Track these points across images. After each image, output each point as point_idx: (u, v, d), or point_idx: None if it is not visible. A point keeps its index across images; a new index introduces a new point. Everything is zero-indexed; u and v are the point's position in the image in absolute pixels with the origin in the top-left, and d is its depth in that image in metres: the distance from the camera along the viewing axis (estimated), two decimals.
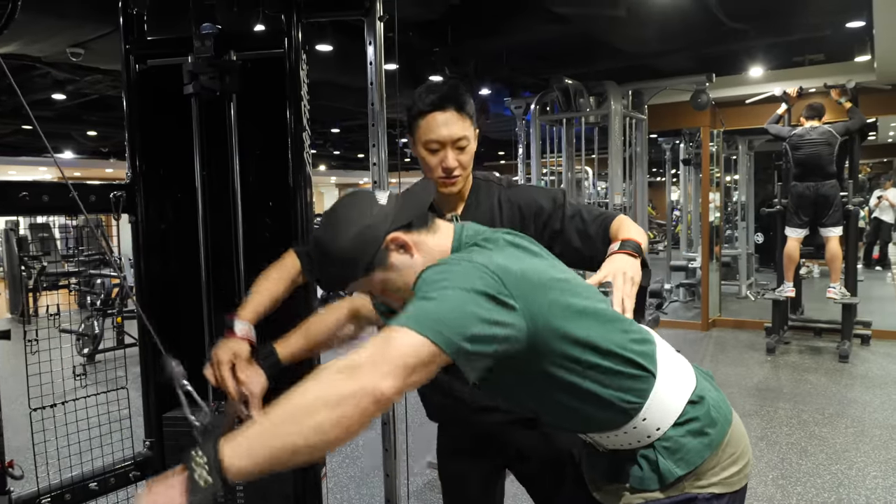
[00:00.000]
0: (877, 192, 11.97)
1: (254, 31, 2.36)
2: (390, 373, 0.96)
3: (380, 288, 1.29)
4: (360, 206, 1.27)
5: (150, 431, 2.16)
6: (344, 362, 0.98)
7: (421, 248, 1.27)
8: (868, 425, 4.22)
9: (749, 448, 1.35)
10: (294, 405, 0.95)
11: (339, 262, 1.25)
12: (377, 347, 0.99)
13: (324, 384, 0.96)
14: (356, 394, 0.94)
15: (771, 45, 6.42)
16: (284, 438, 0.94)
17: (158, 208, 2.16)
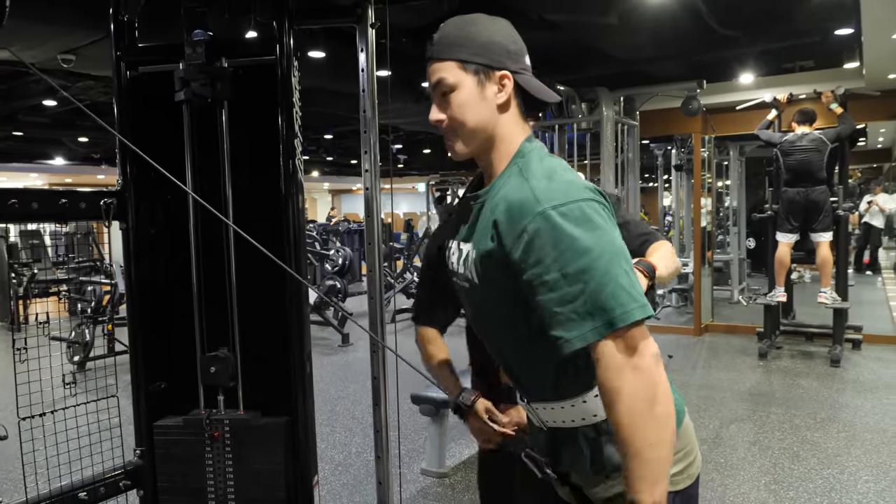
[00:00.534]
0: (867, 197, 12.04)
1: (245, 38, 2.35)
2: (651, 364, 1.05)
3: (448, 88, 1.22)
4: (519, 41, 1.26)
5: (140, 440, 2.15)
6: (635, 384, 1.05)
7: (511, 109, 1.24)
8: (859, 430, 4.24)
9: (696, 450, 1.31)
10: (628, 429, 1.05)
11: (468, 36, 1.22)
12: (622, 351, 1.05)
13: (625, 402, 1.05)
14: (652, 391, 1.05)
15: (761, 52, 6.46)
16: (660, 450, 1.06)
17: (149, 215, 2.15)
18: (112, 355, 5.83)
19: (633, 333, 1.05)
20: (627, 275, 1.07)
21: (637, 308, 1.04)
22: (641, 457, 1.05)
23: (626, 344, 1.04)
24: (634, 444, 1.05)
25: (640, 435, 1.04)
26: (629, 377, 1.04)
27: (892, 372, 5.57)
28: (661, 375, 1.06)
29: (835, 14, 5.27)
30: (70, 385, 2.07)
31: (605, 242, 1.07)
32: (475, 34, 1.22)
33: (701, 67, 6.57)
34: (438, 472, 3.67)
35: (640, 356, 1.04)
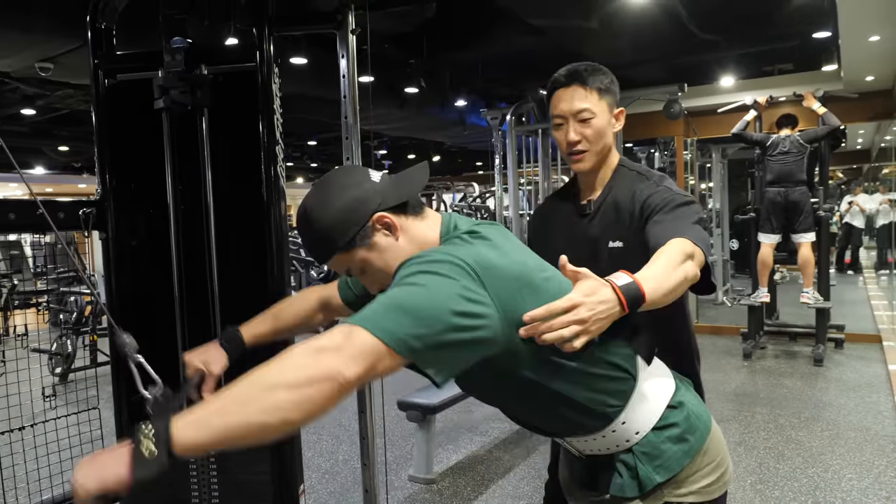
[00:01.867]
0: (847, 197, 12.18)
1: (225, 45, 2.34)
2: (354, 359, 0.95)
3: (358, 268, 1.24)
4: (354, 177, 1.24)
5: None
6: (308, 345, 0.96)
7: (407, 232, 1.23)
8: (843, 428, 4.27)
9: (728, 456, 1.35)
10: (254, 383, 0.94)
11: (324, 231, 1.21)
12: (342, 336, 0.97)
13: (287, 365, 0.95)
14: (319, 377, 0.93)
15: (741, 56, 6.54)
16: (241, 415, 0.92)
17: (130, 224, 2.13)
18: (94, 366, 5.75)
19: (370, 341, 0.97)
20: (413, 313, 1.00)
21: (390, 334, 0.98)
22: (234, 397, 0.94)
23: (350, 339, 0.97)
24: (247, 386, 0.94)
25: (251, 389, 0.93)
26: (316, 354, 0.95)
27: (874, 370, 5.62)
28: (326, 385, 0.94)
29: (812, 17, 5.34)
30: (49, 398, 2.05)
31: (433, 285, 1.04)
32: (325, 222, 1.21)
33: (682, 71, 6.64)
34: (426, 479, 3.66)
35: (341, 354, 0.95)
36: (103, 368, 4.68)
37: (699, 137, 7.99)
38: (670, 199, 1.51)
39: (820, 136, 5.80)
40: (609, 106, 1.63)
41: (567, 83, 1.62)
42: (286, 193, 2.19)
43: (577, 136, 1.61)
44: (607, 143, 1.65)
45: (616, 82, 1.67)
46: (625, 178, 1.66)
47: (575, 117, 1.61)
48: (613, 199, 1.65)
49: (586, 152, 1.63)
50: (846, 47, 5.53)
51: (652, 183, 1.60)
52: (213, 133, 2.08)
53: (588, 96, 1.60)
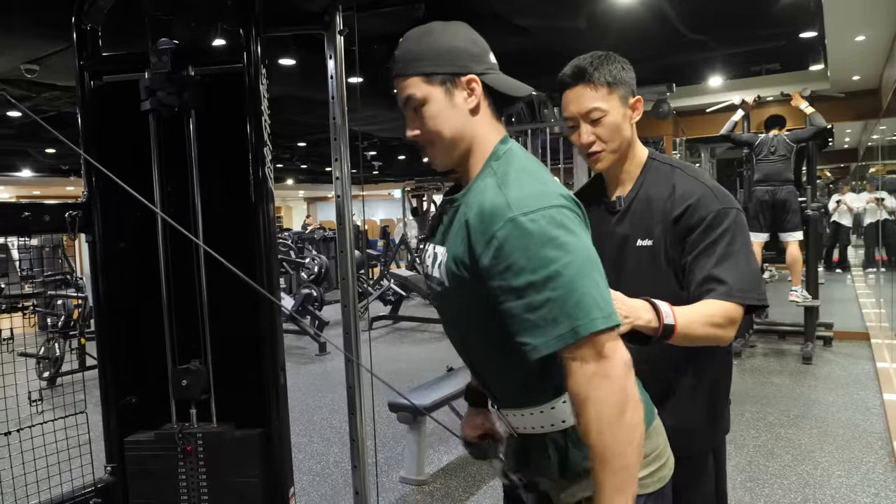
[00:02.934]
0: (835, 196, 12.27)
1: (212, 46, 2.33)
2: (609, 365, 1.06)
3: (419, 102, 1.21)
4: (480, 42, 1.24)
5: (111, 456, 2.10)
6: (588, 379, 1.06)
7: (480, 113, 1.22)
8: (832, 425, 4.30)
9: (668, 453, 1.32)
10: (596, 437, 1.07)
11: (427, 49, 1.20)
12: (591, 359, 1.06)
13: (593, 409, 1.06)
14: (619, 396, 1.06)
15: (729, 56, 6.56)
16: (626, 458, 1.07)
17: (117, 227, 2.11)
18: (82, 370, 5.71)
19: (601, 341, 1.05)
20: (596, 284, 1.07)
21: (601, 318, 1.05)
22: (610, 465, 1.06)
23: (595, 351, 1.05)
24: (603, 452, 1.06)
25: (608, 443, 1.05)
26: (598, 384, 1.05)
27: (862, 368, 5.67)
28: (631, 384, 1.07)
29: (799, 17, 5.37)
30: (36, 402, 2.03)
31: (574, 251, 1.07)
32: (434, 44, 1.21)
33: (670, 71, 6.66)
34: (417, 480, 3.65)
35: (611, 364, 1.06)
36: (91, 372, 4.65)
37: (688, 137, 8.03)
38: (716, 214, 1.48)
39: (807, 136, 5.84)
40: (621, 98, 1.55)
41: (573, 83, 1.55)
42: (275, 195, 2.18)
43: (591, 136, 1.55)
44: (625, 137, 1.58)
45: (629, 68, 1.58)
46: (658, 173, 1.60)
47: (586, 118, 1.55)
48: (646, 196, 1.59)
49: (602, 152, 1.57)
50: (832, 47, 5.57)
51: (689, 177, 1.55)
52: (201, 135, 2.06)
53: (596, 94, 1.53)
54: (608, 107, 1.54)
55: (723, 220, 1.48)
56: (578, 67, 1.54)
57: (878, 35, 5.20)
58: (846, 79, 6.58)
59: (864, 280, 10.79)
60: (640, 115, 1.61)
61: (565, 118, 1.60)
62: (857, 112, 7.24)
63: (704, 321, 1.37)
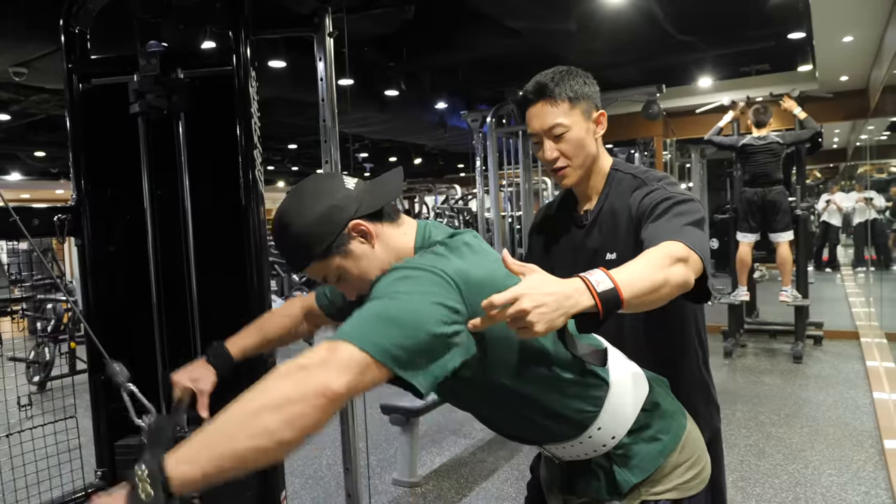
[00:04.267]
0: (824, 196, 12.34)
1: (202, 49, 2.32)
2: (340, 372, 0.94)
3: (335, 275, 1.23)
4: (329, 185, 1.23)
5: (101, 461, 2.09)
6: (291, 364, 0.96)
7: (382, 239, 1.23)
8: (822, 424, 4.32)
9: (705, 453, 1.36)
10: (241, 409, 0.93)
11: (299, 238, 1.20)
12: (325, 351, 0.97)
13: (272, 386, 0.94)
14: (307, 393, 0.92)
15: (718, 57, 6.60)
16: (231, 443, 0.91)
17: (106, 230, 2.11)
18: (72, 374, 5.67)
19: (355, 356, 0.97)
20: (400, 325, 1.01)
21: (379, 347, 0.98)
22: (221, 426, 0.93)
23: (336, 353, 0.97)
24: (233, 412, 0.94)
25: (237, 415, 0.93)
26: (299, 371, 0.95)
27: (852, 367, 5.70)
28: (315, 400, 0.93)
29: (787, 18, 5.41)
30: (25, 407, 2.02)
31: (414, 295, 1.05)
32: (301, 230, 1.20)
33: (660, 72, 6.69)
34: (410, 482, 3.65)
35: (327, 370, 0.95)
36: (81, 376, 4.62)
37: (678, 138, 8.06)
38: (665, 197, 1.43)
39: (801, 139, 5.85)
40: (584, 112, 1.55)
41: (535, 99, 1.56)
42: (265, 197, 2.17)
43: (555, 153, 1.55)
44: (589, 152, 1.58)
45: (592, 82, 1.59)
46: (620, 184, 1.60)
47: (549, 134, 1.55)
48: (610, 208, 1.58)
49: (567, 167, 1.57)
50: (820, 48, 5.61)
51: (647, 186, 1.53)
52: (190, 137, 2.06)
53: (557, 110, 1.53)
54: (570, 122, 1.54)
55: (670, 199, 1.42)
56: (539, 84, 1.55)
57: (866, 36, 5.24)
58: (834, 79, 6.63)
59: (853, 279, 10.85)
60: (604, 129, 1.60)
61: (530, 135, 1.60)
62: (845, 112, 7.30)
63: (648, 269, 1.13)
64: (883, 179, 11.01)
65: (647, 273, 1.12)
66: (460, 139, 9.56)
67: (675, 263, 1.17)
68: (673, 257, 1.18)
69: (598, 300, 1.03)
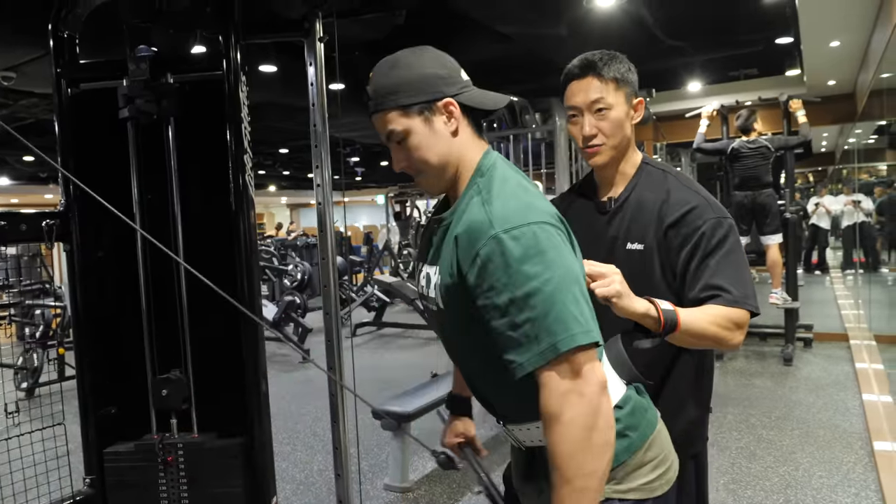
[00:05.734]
0: (813, 199, 12.43)
1: (191, 54, 2.32)
2: (586, 384, 1.06)
3: (400, 134, 1.21)
4: (450, 62, 1.25)
5: (90, 468, 2.07)
6: (565, 414, 1.05)
7: (462, 134, 1.23)
8: (813, 426, 4.34)
9: (673, 455, 1.33)
10: (563, 456, 1.06)
11: (398, 81, 1.20)
12: (569, 381, 1.06)
13: (565, 423, 1.06)
14: (592, 420, 1.05)
15: (707, 61, 6.64)
16: (584, 472, 1.05)
17: (95, 236, 2.09)
18: (61, 380, 5.62)
19: (579, 358, 1.05)
20: (576, 300, 1.07)
21: (581, 333, 1.05)
22: (572, 485, 1.05)
23: (570, 369, 1.05)
24: (568, 472, 1.05)
25: (574, 462, 1.04)
26: (572, 402, 1.05)
27: (842, 369, 5.73)
28: (605, 403, 1.07)
29: (775, 23, 5.45)
30: (13, 414, 2.00)
31: (554, 267, 1.07)
32: (404, 74, 1.21)
33: (650, 76, 6.72)
34: (402, 487, 3.64)
35: (585, 382, 1.05)
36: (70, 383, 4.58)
37: (668, 142, 8.10)
38: (713, 224, 1.47)
39: (790, 145, 5.88)
40: (627, 96, 1.56)
41: (581, 74, 1.54)
42: (256, 202, 2.16)
43: (593, 129, 1.55)
44: (626, 135, 1.58)
45: (634, 70, 1.59)
46: (651, 177, 1.60)
47: (590, 109, 1.54)
48: (638, 198, 1.58)
49: (603, 146, 1.56)
50: (808, 53, 5.66)
51: (683, 186, 1.55)
52: (180, 142, 2.05)
53: (604, 87, 1.53)
54: (614, 101, 1.54)
55: (719, 229, 1.47)
56: (588, 60, 1.55)
57: (853, 41, 5.29)
58: (822, 83, 6.69)
59: (842, 282, 10.93)
60: (641, 116, 1.62)
61: (568, 108, 1.59)
62: (833, 116, 7.36)
63: (709, 320, 1.38)
64: (871, 182, 11.09)
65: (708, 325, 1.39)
66: None
67: (733, 331, 1.42)
68: (735, 324, 1.43)
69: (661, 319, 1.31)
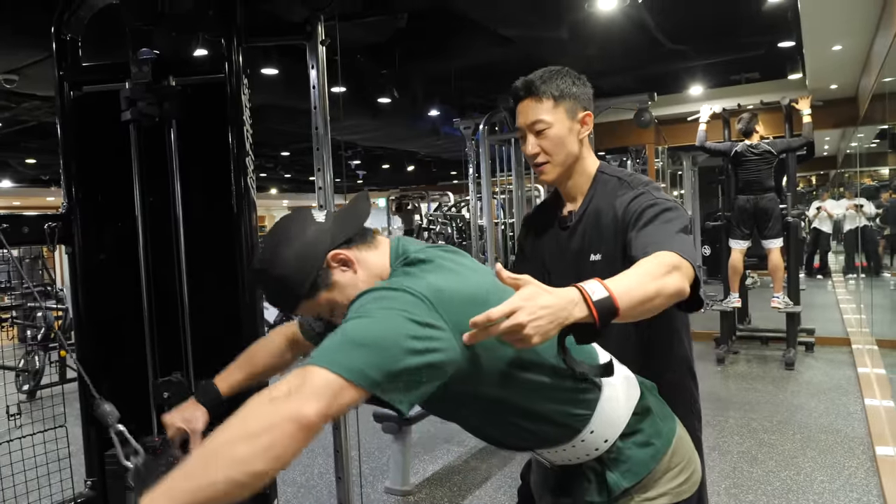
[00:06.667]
0: (815, 203, 12.41)
1: (194, 56, 2.32)
2: (312, 397, 0.93)
3: (328, 309, 1.25)
4: (298, 225, 1.23)
5: (91, 471, 2.07)
6: (263, 394, 0.95)
7: (363, 263, 1.24)
8: (814, 431, 4.33)
9: (696, 457, 1.36)
10: (215, 441, 0.93)
11: (282, 284, 1.21)
12: (297, 378, 0.96)
13: (244, 417, 0.94)
14: (278, 421, 0.91)
15: (709, 65, 6.64)
16: (207, 477, 0.90)
17: (97, 238, 2.09)
18: (62, 383, 5.62)
19: (329, 381, 0.96)
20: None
21: (341, 367, 0.97)
22: (198, 461, 0.94)
23: (311, 380, 0.96)
24: (208, 446, 0.95)
25: (211, 449, 0.93)
26: (271, 401, 0.94)
27: (844, 373, 5.72)
28: (292, 432, 0.92)
29: (777, 27, 5.45)
30: (14, 416, 2.00)
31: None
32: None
33: (652, 80, 6.73)
34: (403, 490, 3.63)
35: (305, 400, 0.94)
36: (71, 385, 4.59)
37: (670, 145, 8.09)
38: (652, 203, 1.45)
39: (792, 147, 5.87)
40: (568, 112, 1.58)
41: (523, 96, 1.60)
42: (258, 205, 2.17)
43: (536, 148, 1.60)
44: (570, 151, 1.61)
45: (582, 83, 1.62)
46: (605, 186, 1.61)
47: (531, 130, 1.59)
48: (595, 210, 1.60)
49: (547, 163, 1.61)
50: (810, 56, 5.65)
51: (634, 190, 1.54)
52: (182, 145, 2.05)
53: (541, 106, 1.57)
54: (552, 119, 1.58)
55: (657, 206, 1.45)
56: (527, 81, 1.60)
57: (855, 44, 5.29)
58: (824, 87, 6.68)
59: (844, 286, 10.91)
60: (590, 129, 1.64)
61: (516, 129, 1.65)
62: (835, 120, 7.35)
63: (643, 278, 1.13)
64: (872, 187, 11.07)
65: (642, 282, 1.11)
66: (453, 146, 9.57)
67: (669, 273, 1.16)
68: (667, 266, 1.17)
69: (593, 310, 1.02)
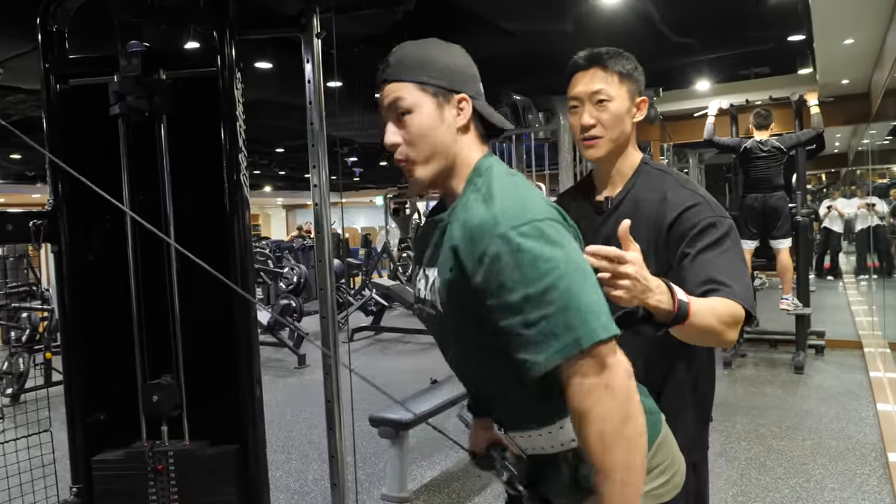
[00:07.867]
0: (826, 202, 12.26)
1: (185, 49, 2.26)
2: (612, 376, 1.03)
3: (406, 108, 1.19)
4: (473, 66, 1.26)
5: (77, 477, 2.01)
6: (597, 409, 1.02)
7: (470, 131, 1.22)
8: (825, 437, 4.24)
9: (679, 459, 1.31)
10: (599, 453, 1.03)
11: (427, 58, 1.20)
12: (591, 372, 1.03)
13: (609, 426, 1.02)
14: (624, 414, 1.03)
15: (716, 59, 6.55)
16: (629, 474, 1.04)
17: (84, 236, 2.03)
18: (48, 386, 5.50)
19: (601, 351, 1.02)
20: (591, 294, 1.04)
21: (600, 327, 1.02)
22: (612, 479, 1.03)
23: (594, 363, 1.03)
24: (605, 467, 1.04)
25: (610, 457, 1.03)
26: (600, 397, 1.02)
27: (855, 377, 5.62)
28: (633, 392, 1.05)
29: (787, 20, 5.36)
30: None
31: (566, 262, 1.04)
32: (435, 57, 1.21)
33: (657, 75, 6.62)
34: (399, 497, 3.55)
35: (612, 374, 1.03)
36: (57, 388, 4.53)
37: (675, 142, 8.00)
38: (712, 222, 1.44)
39: (801, 141, 5.77)
40: (630, 93, 1.55)
41: (586, 66, 1.55)
42: (251, 202, 2.11)
43: (592, 119, 1.54)
44: (624, 130, 1.56)
45: (641, 71, 1.58)
46: (649, 177, 1.58)
47: (591, 99, 1.54)
48: (635, 198, 1.56)
49: (601, 138, 1.55)
50: (821, 51, 5.56)
51: (685, 190, 1.51)
52: (173, 140, 1.99)
53: (608, 78, 1.53)
54: (616, 94, 1.53)
55: (719, 226, 1.44)
56: (594, 52, 1.55)
57: (867, 38, 5.18)
58: (835, 82, 6.58)
59: (855, 287, 10.78)
60: (643, 115, 1.61)
61: (570, 98, 1.58)
62: (846, 116, 7.24)
63: (714, 314, 1.29)
64: (884, 185, 10.92)
65: (710, 319, 1.27)
66: None
67: (732, 327, 1.34)
68: (734, 319, 1.35)
69: (675, 307, 1.19)
